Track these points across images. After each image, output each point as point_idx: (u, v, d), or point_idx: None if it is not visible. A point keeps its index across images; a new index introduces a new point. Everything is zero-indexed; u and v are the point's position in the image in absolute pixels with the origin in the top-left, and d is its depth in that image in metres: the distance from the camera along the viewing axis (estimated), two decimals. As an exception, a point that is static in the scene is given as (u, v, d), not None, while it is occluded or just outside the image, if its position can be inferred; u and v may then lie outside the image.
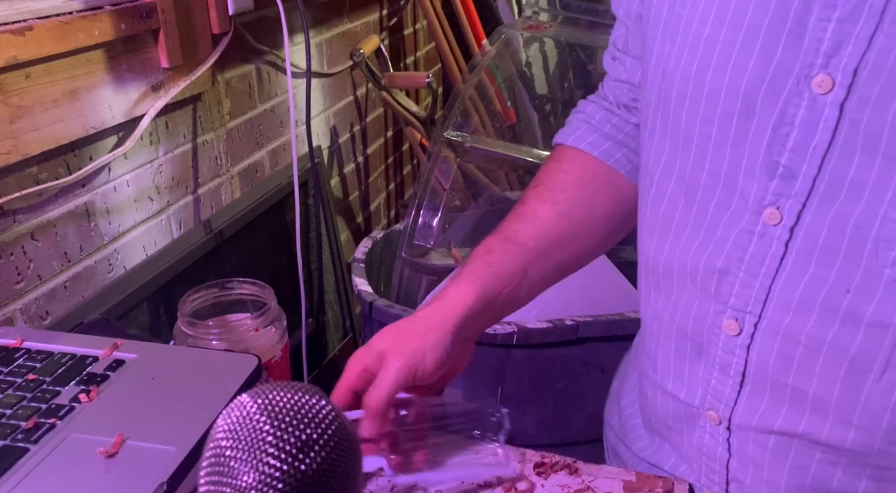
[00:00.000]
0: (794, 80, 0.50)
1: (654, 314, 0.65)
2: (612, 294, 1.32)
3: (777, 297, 0.54)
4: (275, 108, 1.50)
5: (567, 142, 0.74)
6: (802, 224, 0.52)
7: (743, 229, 0.55)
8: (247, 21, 1.34)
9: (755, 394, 0.57)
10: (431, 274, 1.53)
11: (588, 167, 0.72)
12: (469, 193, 1.72)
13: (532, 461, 0.73)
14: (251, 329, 0.89)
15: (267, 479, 0.38)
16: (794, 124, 0.51)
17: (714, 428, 0.61)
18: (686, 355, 0.62)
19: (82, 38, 0.95)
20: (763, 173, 0.53)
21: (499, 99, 1.83)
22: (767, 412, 0.57)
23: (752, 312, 0.55)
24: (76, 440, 0.61)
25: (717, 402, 0.60)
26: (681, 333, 0.62)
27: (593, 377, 1.28)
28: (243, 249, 1.43)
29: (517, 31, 1.86)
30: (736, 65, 0.52)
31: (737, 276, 0.56)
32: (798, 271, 0.53)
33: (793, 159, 0.51)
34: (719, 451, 0.61)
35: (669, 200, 0.61)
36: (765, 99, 0.52)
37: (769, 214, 0.53)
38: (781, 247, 0.53)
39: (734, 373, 0.58)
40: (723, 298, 0.57)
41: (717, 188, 0.56)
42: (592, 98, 0.76)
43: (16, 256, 0.92)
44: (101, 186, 1.05)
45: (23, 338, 0.74)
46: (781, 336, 0.54)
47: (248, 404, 0.40)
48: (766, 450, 0.58)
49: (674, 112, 0.58)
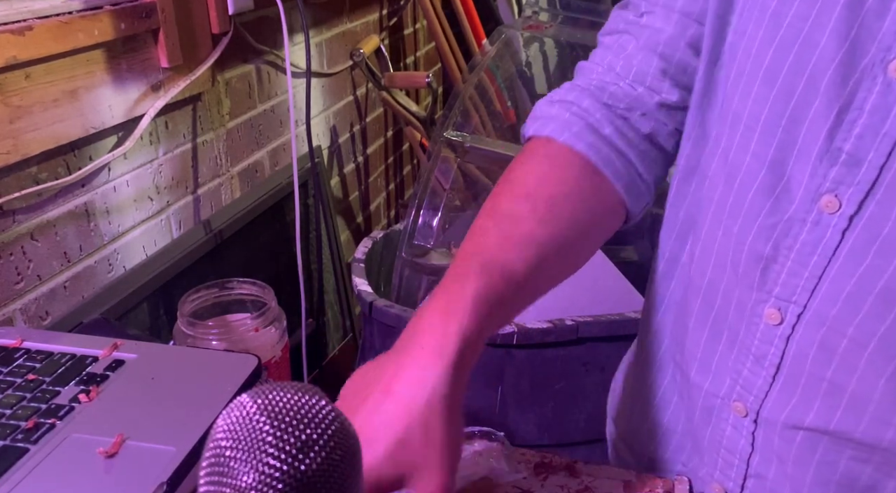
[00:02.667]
0: (869, 63, 0.48)
1: (683, 300, 0.63)
2: (612, 294, 1.32)
3: (827, 287, 0.52)
4: (275, 108, 1.50)
5: (560, 138, 0.62)
6: (863, 214, 0.49)
7: (793, 217, 0.52)
8: (247, 21, 1.34)
9: (788, 387, 0.55)
10: (431, 274, 1.53)
11: (586, 177, 0.62)
12: (469, 193, 1.71)
13: (532, 461, 0.73)
14: (251, 329, 0.89)
15: (267, 479, 0.38)
16: (864, 110, 0.48)
17: (739, 420, 0.59)
18: (719, 344, 0.60)
19: (82, 38, 0.95)
20: (821, 159, 0.50)
21: (499, 99, 1.83)
22: (798, 406, 0.55)
23: (796, 302, 0.53)
24: (76, 440, 0.61)
25: (747, 393, 0.58)
26: (717, 321, 0.60)
27: (593, 377, 1.28)
28: (243, 249, 1.43)
29: (517, 31, 1.86)
30: (806, 41, 0.50)
31: (784, 264, 0.53)
32: (853, 262, 0.50)
33: (859, 146, 0.49)
34: (742, 444, 0.59)
35: (711, 183, 0.58)
36: (832, 81, 0.49)
37: (827, 202, 0.50)
38: (837, 236, 0.50)
39: (769, 364, 0.56)
40: (767, 286, 0.55)
41: (760, 172, 0.54)
42: (582, 88, 0.65)
43: (15, 256, 0.92)
44: (100, 186, 1.05)
45: (23, 338, 0.74)
46: (827, 328, 0.52)
47: (248, 404, 0.40)
48: (792, 445, 0.56)
49: (728, 89, 0.56)
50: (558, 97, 0.65)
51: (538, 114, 0.65)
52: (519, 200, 0.59)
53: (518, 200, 0.59)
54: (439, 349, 0.50)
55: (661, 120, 0.64)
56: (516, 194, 0.60)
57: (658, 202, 0.70)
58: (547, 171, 0.61)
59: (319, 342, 1.78)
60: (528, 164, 0.62)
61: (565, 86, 0.67)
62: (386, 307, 1.31)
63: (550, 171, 0.61)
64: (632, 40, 0.64)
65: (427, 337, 0.51)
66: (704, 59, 0.59)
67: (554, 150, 0.62)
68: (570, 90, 0.65)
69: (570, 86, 0.66)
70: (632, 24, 0.64)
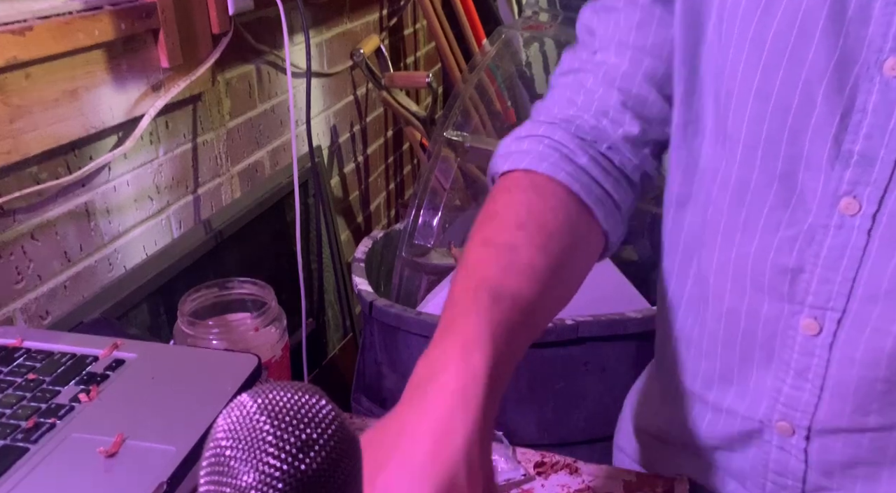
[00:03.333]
0: (863, 67, 0.49)
1: (701, 328, 0.62)
2: (612, 294, 1.32)
3: (863, 289, 0.52)
4: (275, 108, 1.50)
5: (539, 169, 0.61)
6: (885, 210, 0.50)
7: (814, 224, 0.53)
8: (247, 21, 1.34)
9: (839, 395, 0.55)
10: (431, 274, 1.53)
11: (571, 205, 0.61)
12: (469, 193, 1.71)
13: (532, 460, 0.73)
14: (251, 329, 0.89)
15: (267, 479, 0.38)
16: (867, 110, 0.50)
17: (785, 440, 0.58)
18: (752, 366, 0.59)
19: (82, 38, 0.95)
20: (832, 165, 0.51)
21: (499, 99, 1.83)
22: (857, 411, 0.54)
23: (833, 308, 0.53)
24: (76, 440, 0.61)
25: (792, 411, 0.57)
26: (745, 341, 0.59)
27: (593, 377, 1.28)
28: (243, 249, 1.43)
29: (517, 31, 1.86)
30: (792, 57, 0.51)
31: (813, 273, 0.54)
32: (885, 259, 0.51)
33: (868, 146, 0.50)
34: (792, 463, 0.59)
35: (715, 207, 0.58)
36: (829, 90, 0.50)
37: (846, 205, 0.51)
38: (863, 236, 0.51)
39: (813, 376, 0.55)
40: (798, 297, 0.55)
41: (771, 187, 0.54)
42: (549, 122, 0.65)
43: (16, 255, 0.92)
44: (101, 186, 1.05)
45: (23, 338, 0.74)
46: (871, 328, 0.52)
47: (248, 403, 0.40)
48: (860, 448, 0.56)
49: (719, 114, 0.56)
50: (525, 133, 0.64)
51: (507, 151, 0.64)
52: (513, 230, 0.58)
53: (512, 230, 0.58)
54: (463, 392, 0.46)
55: (625, 154, 0.64)
56: (509, 225, 0.58)
57: (657, 201, 0.70)
58: (535, 200, 0.60)
59: (319, 342, 1.78)
60: (514, 194, 0.61)
61: (527, 124, 0.66)
62: (386, 307, 1.32)
63: (538, 200, 0.60)
64: (589, 76, 0.64)
65: (448, 377, 0.47)
66: (679, 91, 0.60)
67: (536, 180, 0.61)
68: (536, 126, 0.64)
69: (534, 123, 0.65)
70: (586, 62, 0.65)
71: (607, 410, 0.99)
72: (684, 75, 0.60)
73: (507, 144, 0.65)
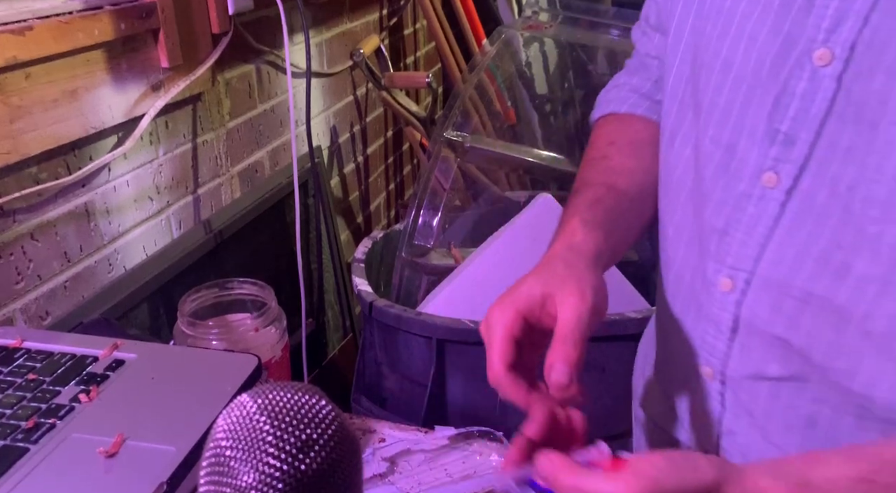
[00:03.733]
0: (799, 53, 0.54)
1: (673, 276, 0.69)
2: (613, 294, 1.32)
3: (771, 254, 0.58)
4: (275, 108, 1.50)
5: (621, 110, 0.76)
6: (800, 187, 0.56)
7: (742, 192, 0.59)
8: (247, 21, 1.34)
9: (745, 346, 0.61)
10: (431, 274, 1.53)
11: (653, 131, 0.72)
12: (469, 193, 1.72)
13: (532, 460, 0.73)
14: (251, 329, 0.89)
15: (267, 479, 0.38)
16: (796, 94, 0.55)
17: (710, 384, 0.65)
18: (690, 314, 0.66)
19: (82, 38, 0.95)
20: (763, 140, 0.57)
21: (499, 99, 1.83)
22: (760, 362, 0.61)
23: (743, 269, 0.60)
24: (76, 440, 0.61)
25: (712, 357, 0.64)
26: (687, 295, 0.66)
27: (593, 377, 1.28)
28: (243, 249, 1.43)
29: (517, 31, 1.86)
30: (750, 36, 0.57)
31: (734, 236, 0.60)
32: (793, 230, 0.56)
33: (793, 127, 0.55)
34: (714, 406, 0.65)
35: (684, 167, 0.65)
36: (771, 70, 0.56)
37: (767, 178, 0.57)
38: (778, 208, 0.57)
39: (724, 328, 0.62)
40: (720, 257, 0.61)
41: (716, 154, 0.60)
42: (630, 70, 0.80)
43: (16, 256, 0.92)
44: (101, 186, 1.05)
45: (23, 338, 0.74)
46: (775, 290, 0.58)
47: (248, 404, 0.40)
48: (759, 397, 0.62)
49: (699, 82, 0.62)
50: (612, 85, 0.80)
51: (598, 102, 0.80)
52: (605, 146, 0.74)
53: (605, 146, 0.74)
54: (571, 233, 0.64)
55: None
56: (601, 144, 0.74)
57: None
58: (621, 127, 0.75)
59: (319, 342, 1.78)
60: (604, 128, 0.76)
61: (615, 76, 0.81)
62: (386, 307, 1.32)
63: (623, 126, 0.75)
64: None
65: (556, 247, 0.63)
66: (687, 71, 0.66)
67: (621, 116, 0.76)
68: (617, 77, 0.80)
69: (618, 75, 0.81)
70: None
71: (607, 410, 0.99)
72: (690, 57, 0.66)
73: (599, 98, 0.80)
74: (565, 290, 0.57)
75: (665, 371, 0.74)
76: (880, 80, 0.50)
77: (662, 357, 0.74)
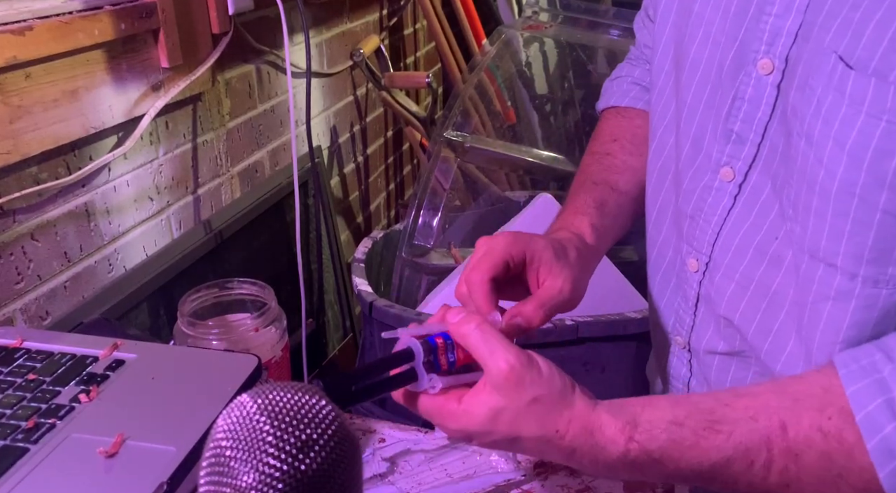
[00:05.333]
0: (749, 61, 0.60)
1: (656, 253, 0.76)
2: (613, 294, 1.32)
3: (722, 240, 0.64)
4: (275, 108, 1.50)
5: (623, 103, 0.83)
6: (749, 182, 0.62)
7: (706, 184, 0.65)
8: (247, 21, 1.34)
9: (703, 322, 0.69)
10: (431, 274, 1.53)
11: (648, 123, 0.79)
12: (469, 193, 1.71)
13: (532, 461, 0.73)
14: (251, 329, 0.89)
15: (267, 479, 0.38)
16: (745, 99, 0.60)
17: (681, 352, 0.72)
18: (668, 288, 0.74)
19: (82, 38, 0.95)
20: (721, 138, 0.63)
21: (499, 99, 1.83)
22: (713, 337, 0.68)
23: (703, 253, 0.66)
24: (76, 440, 0.61)
25: (682, 328, 0.71)
26: (668, 268, 0.73)
27: (593, 377, 1.28)
28: (243, 249, 1.43)
29: (517, 31, 1.86)
30: (714, 41, 0.63)
31: (697, 221, 0.66)
32: (740, 221, 0.63)
33: (742, 128, 0.61)
34: (683, 371, 0.73)
35: (668, 153, 0.71)
36: (727, 73, 0.62)
37: (724, 173, 0.63)
38: (731, 200, 0.63)
39: (690, 304, 0.69)
40: (689, 239, 0.68)
41: (687, 146, 0.67)
42: (632, 62, 0.86)
43: (16, 256, 0.92)
44: (101, 186, 1.05)
45: (23, 338, 0.74)
46: (721, 274, 0.65)
47: (248, 404, 0.40)
48: (711, 369, 0.69)
49: (680, 77, 0.67)
50: (615, 75, 0.86)
51: (604, 91, 0.86)
52: (609, 143, 0.80)
53: (608, 143, 0.81)
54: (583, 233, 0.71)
55: None
56: (605, 140, 0.81)
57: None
58: (623, 122, 0.82)
59: (319, 342, 1.78)
60: (608, 122, 0.83)
61: (619, 66, 0.87)
62: (386, 307, 1.32)
63: (626, 122, 0.81)
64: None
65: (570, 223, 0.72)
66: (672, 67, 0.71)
67: (623, 111, 0.83)
68: (619, 70, 0.86)
69: (621, 65, 0.87)
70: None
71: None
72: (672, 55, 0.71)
73: (603, 87, 0.86)
74: (564, 272, 0.65)
75: (654, 336, 0.81)
76: (808, 93, 0.54)
77: (652, 324, 0.80)
